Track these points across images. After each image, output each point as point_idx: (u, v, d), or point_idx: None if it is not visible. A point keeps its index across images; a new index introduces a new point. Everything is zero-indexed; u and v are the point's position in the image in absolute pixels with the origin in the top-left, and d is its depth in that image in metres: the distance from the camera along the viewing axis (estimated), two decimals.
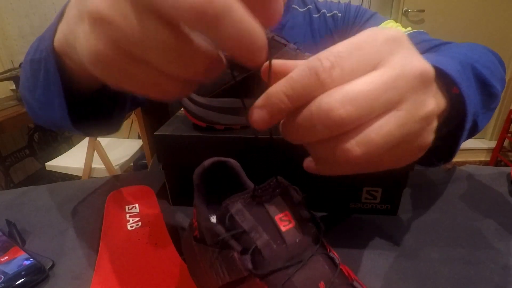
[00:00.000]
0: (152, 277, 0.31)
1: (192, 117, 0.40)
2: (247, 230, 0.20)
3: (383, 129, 0.16)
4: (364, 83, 0.16)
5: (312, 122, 0.16)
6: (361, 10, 0.61)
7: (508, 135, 1.98)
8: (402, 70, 0.16)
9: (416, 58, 0.18)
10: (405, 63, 0.17)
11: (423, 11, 1.87)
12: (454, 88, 0.25)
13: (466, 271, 0.31)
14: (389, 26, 0.56)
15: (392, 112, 0.17)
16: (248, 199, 0.21)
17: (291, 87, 0.16)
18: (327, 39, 0.63)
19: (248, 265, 0.19)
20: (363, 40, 0.17)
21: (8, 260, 0.33)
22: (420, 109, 0.17)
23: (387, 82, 0.16)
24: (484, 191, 0.46)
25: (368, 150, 0.16)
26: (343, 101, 0.15)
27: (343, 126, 0.16)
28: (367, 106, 0.16)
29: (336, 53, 0.16)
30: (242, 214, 0.20)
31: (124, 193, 0.46)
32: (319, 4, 0.64)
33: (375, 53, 0.17)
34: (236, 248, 0.20)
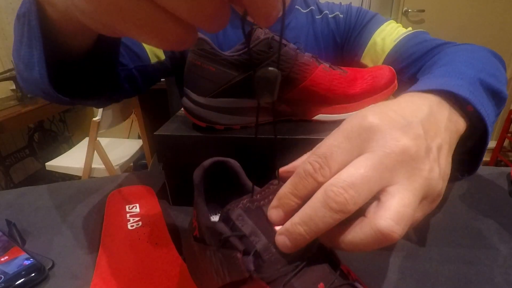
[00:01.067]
0: (152, 276, 0.31)
1: (192, 117, 0.40)
2: (247, 234, 0.20)
3: (403, 200, 0.18)
4: (355, 169, 0.18)
5: (322, 213, 0.18)
6: (362, 12, 0.61)
7: (508, 135, 1.98)
8: (383, 152, 0.19)
9: (395, 138, 0.19)
10: (385, 145, 0.19)
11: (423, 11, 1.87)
12: (468, 106, 0.26)
13: (466, 271, 0.31)
14: (390, 26, 0.57)
15: (391, 187, 0.19)
16: (248, 203, 0.21)
17: (295, 188, 0.19)
18: (329, 41, 0.63)
19: (251, 266, 0.19)
20: (341, 136, 0.20)
21: (8, 260, 0.33)
22: (417, 178, 0.19)
23: (374, 164, 0.18)
24: (484, 191, 0.46)
25: (397, 224, 0.18)
26: (344, 187, 0.18)
27: (348, 208, 0.18)
28: (365, 186, 0.18)
29: (321, 154, 0.19)
30: (242, 219, 0.21)
31: (125, 193, 0.46)
32: (321, 5, 0.65)
33: (355, 146, 0.20)
34: (239, 249, 0.20)
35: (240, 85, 0.39)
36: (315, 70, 0.40)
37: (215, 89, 0.39)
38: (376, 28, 0.57)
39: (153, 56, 0.54)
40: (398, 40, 0.53)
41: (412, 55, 0.50)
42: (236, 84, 0.39)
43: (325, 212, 0.18)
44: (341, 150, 0.20)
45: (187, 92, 0.40)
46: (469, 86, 0.27)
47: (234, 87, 0.39)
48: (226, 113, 0.40)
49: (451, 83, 0.27)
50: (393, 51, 0.53)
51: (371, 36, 0.57)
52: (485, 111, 0.26)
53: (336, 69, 0.43)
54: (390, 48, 0.54)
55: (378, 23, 0.58)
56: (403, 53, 0.52)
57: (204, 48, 0.37)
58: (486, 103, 0.28)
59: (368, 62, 0.58)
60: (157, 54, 0.55)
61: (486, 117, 0.26)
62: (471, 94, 0.26)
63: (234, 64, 0.38)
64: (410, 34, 0.54)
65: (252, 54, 0.36)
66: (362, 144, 0.20)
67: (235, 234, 0.20)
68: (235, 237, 0.20)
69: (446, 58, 0.39)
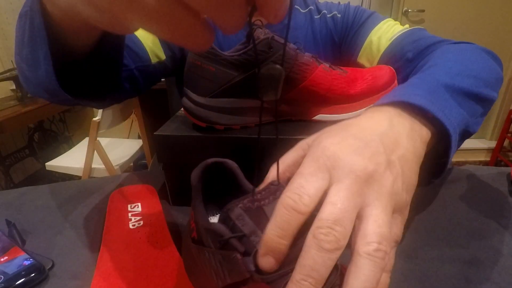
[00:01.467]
0: (153, 276, 0.31)
1: (192, 117, 0.40)
2: (247, 234, 0.20)
3: (377, 222, 0.19)
4: (333, 205, 0.19)
5: (320, 258, 0.18)
6: (360, 10, 0.61)
7: (508, 135, 1.98)
8: (349, 180, 0.20)
9: (355, 163, 0.21)
10: (348, 172, 0.20)
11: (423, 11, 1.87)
12: (428, 113, 0.27)
13: (466, 271, 0.31)
14: (387, 24, 0.56)
15: (363, 210, 0.20)
16: (248, 203, 0.21)
17: (280, 228, 0.19)
18: (327, 40, 0.63)
19: (251, 267, 0.19)
20: (311, 166, 0.21)
21: (8, 260, 0.33)
22: (383, 195, 0.20)
23: (346, 195, 0.19)
24: (484, 191, 0.46)
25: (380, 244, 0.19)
26: (330, 226, 0.18)
27: (341, 244, 0.18)
28: (347, 218, 0.19)
29: (297, 185, 0.20)
30: (242, 219, 0.20)
31: (127, 192, 0.46)
32: (319, 5, 0.64)
33: (325, 172, 0.21)
34: (239, 249, 0.20)
35: (240, 85, 0.39)
36: (315, 70, 0.40)
37: (215, 89, 0.39)
38: (373, 27, 0.56)
39: (153, 56, 0.54)
40: (394, 39, 0.52)
41: (406, 54, 0.49)
42: (236, 84, 0.39)
43: (323, 256, 0.18)
44: (315, 177, 0.20)
45: (187, 92, 0.40)
46: (428, 93, 0.28)
47: (234, 87, 0.39)
48: (226, 113, 0.40)
49: (409, 92, 0.28)
50: (388, 50, 0.53)
51: (367, 35, 0.56)
52: (444, 115, 0.27)
53: (336, 69, 0.43)
54: (385, 47, 0.53)
55: (375, 22, 0.57)
56: (397, 52, 0.51)
57: None
58: (447, 106, 0.28)
59: (364, 61, 0.58)
60: (157, 54, 0.55)
61: (446, 120, 0.26)
62: (428, 101, 0.27)
63: (234, 64, 0.38)
64: (406, 32, 0.53)
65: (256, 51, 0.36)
66: (329, 171, 0.21)
67: (235, 236, 0.20)
68: (235, 238, 0.20)
69: (431, 61, 0.40)
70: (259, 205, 0.21)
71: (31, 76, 0.33)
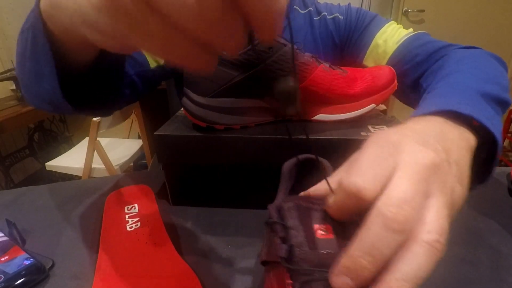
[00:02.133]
0: (152, 276, 0.31)
1: (192, 117, 0.40)
2: (290, 226, 0.22)
3: (439, 213, 0.19)
4: (401, 186, 0.18)
5: (385, 237, 0.17)
6: (362, 13, 0.61)
7: (508, 135, 1.98)
8: (417, 165, 0.19)
9: (421, 151, 0.20)
10: (415, 158, 0.19)
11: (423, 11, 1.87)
12: (474, 120, 0.26)
13: (466, 271, 0.31)
14: (391, 27, 0.56)
15: (427, 200, 0.19)
16: (301, 201, 0.23)
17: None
18: (327, 42, 0.63)
19: (283, 253, 0.21)
20: (374, 152, 0.20)
21: (8, 260, 0.33)
22: (447, 190, 0.19)
23: (414, 179, 0.18)
24: (484, 191, 0.46)
25: (441, 236, 0.19)
26: (399, 205, 0.17)
27: (407, 227, 0.17)
28: (416, 200, 0.18)
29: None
30: (291, 212, 0.22)
31: (123, 193, 0.46)
32: (319, 6, 0.64)
33: (390, 158, 0.19)
34: (280, 235, 0.22)
35: (240, 85, 0.39)
36: (315, 70, 0.40)
37: (215, 89, 0.39)
38: (378, 30, 0.57)
39: (152, 61, 0.54)
40: (401, 42, 0.53)
41: (415, 58, 0.50)
42: (236, 84, 0.39)
43: (388, 236, 0.16)
44: (380, 165, 0.19)
45: (187, 92, 0.40)
46: (470, 101, 0.28)
47: (234, 87, 0.39)
48: (226, 113, 0.40)
49: (453, 101, 0.27)
50: (396, 53, 0.53)
51: (372, 38, 0.57)
52: (491, 123, 0.27)
53: (336, 69, 0.43)
54: (393, 50, 0.54)
55: (379, 25, 0.57)
56: (406, 55, 0.52)
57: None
58: (490, 115, 0.28)
59: (370, 64, 0.58)
60: (156, 58, 0.55)
61: (493, 128, 0.26)
62: (474, 109, 0.26)
63: (234, 64, 0.38)
64: (412, 35, 0.54)
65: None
66: (393, 158, 0.19)
67: (279, 222, 0.22)
68: (279, 224, 0.22)
69: (450, 67, 0.40)
70: (309, 207, 0.22)
71: (34, 90, 0.33)
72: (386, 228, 0.17)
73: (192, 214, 0.43)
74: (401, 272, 0.16)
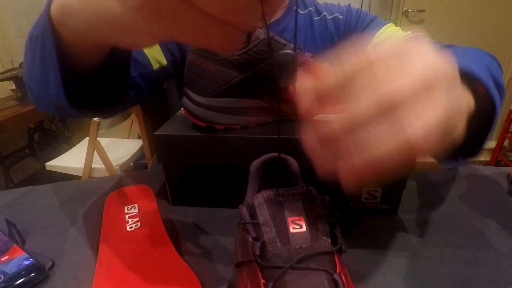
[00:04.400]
0: (152, 277, 0.31)
1: (192, 117, 0.40)
2: (261, 223, 0.22)
3: (434, 112, 0.18)
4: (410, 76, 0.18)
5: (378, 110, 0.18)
6: (362, 14, 0.61)
7: (508, 135, 1.98)
8: (433, 69, 0.19)
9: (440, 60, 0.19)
10: (432, 64, 0.19)
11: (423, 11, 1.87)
12: (478, 87, 0.26)
13: (466, 271, 0.31)
14: (390, 29, 0.57)
15: (435, 101, 0.18)
16: (271, 196, 0.22)
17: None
18: (327, 42, 0.63)
19: (257, 251, 0.21)
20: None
21: (8, 260, 0.33)
22: (456, 101, 0.19)
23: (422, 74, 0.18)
24: (484, 191, 0.46)
25: (426, 131, 0.17)
26: (399, 88, 0.18)
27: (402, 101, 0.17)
28: (415, 88, 0.18)
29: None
30: (262, 208, 0.22)
31: (123, 193, 0.46)
32: (319, 6, 0.64)
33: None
34: (252, 234, 0.22)
35: (240, 85, 0.39)
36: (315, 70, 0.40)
37: (215, 89, 0.39)
38: (377, 30, 0.57)
39: (155, 62, 0.54)
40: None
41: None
42: (236, 84, 0.39)
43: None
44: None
45: (187, 92, 0.40)
46: (482, 69, 0.28)
47: (234, 87, 0.39)
48: (226, 113, 0.40)
49: (466, 63, 0.27)
50: None
51: (371, 39, 0.57)
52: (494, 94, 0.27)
53: None
54: None
55: (378, 26, 0.58)
56: None
57: (204, 48, 0.37)
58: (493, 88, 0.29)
59: None
60: (158, 59, 0.55)
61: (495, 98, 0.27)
62: (484, 74, 0.27)
63: (234, 64, 0.38)
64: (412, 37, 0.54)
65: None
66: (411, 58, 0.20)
67: (251, 222, 0.22)
68: (250, 224, 0.22)
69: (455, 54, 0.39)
70: (280, 201, 0.22)
71: (41, 95, 0.34)
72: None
73: (192, 214, 0.43)
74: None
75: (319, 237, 0.21)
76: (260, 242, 0.21)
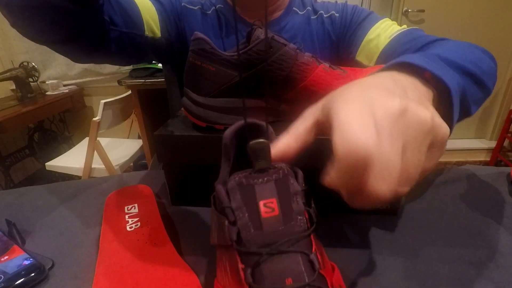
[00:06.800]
0: (152, 277, 0.31)
1: (192, 117, 0.40)
2: (234, 208, 0.21)
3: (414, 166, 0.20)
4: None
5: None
6: (358, 10, 0.61)
7: (508, 135, 1.98)
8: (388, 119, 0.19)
9: (387, 98, 0.20)
10: (386, 112, 0.20)
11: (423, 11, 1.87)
12: (426, 72, 0.26)
13: (466, 271, 0.31)
14: (385, 23, 0.57)
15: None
16: (242, 179, 0.22)
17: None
18: (325, 40, 0.63)
19: (233, 236, 0.21)
20: (352, 114, 0.20)
21: (8, 259, 0.33)
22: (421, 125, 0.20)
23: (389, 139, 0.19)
24: (484, 191, 0.46)
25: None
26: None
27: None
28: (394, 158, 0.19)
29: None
30: (234, 193, 0.21)
31: (123, 193, 0.46)
32: (316, 5, 0.65)
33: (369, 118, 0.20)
34: (229, 219, 0.21)
35: (240, 85, 0.39)
36: (315, 70, 0.40)
37: (215, 89, 0.39)
38: (371, 26, 0.57)
39: (148, 30, 0.53)
40: (393, 37, 0.53)
41: (406, 52, 0.50)
42: (236, 84, 0.39)
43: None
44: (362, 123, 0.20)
45: (187, 92, 0.40)
46: (423, 57, 0.27)
47: (234, 87, 0.39)
48: (226, 113, 0.40)
49: (404, 57, 0.27)
50: (387, 47, 0.53)
51: (366, 33, 0.57)
52: (444, 75, 0.26)
53: (336, 69, 0.43)
54: (385, 44, 0.54)
55: (373, 21, 0.58)
56: (396, 49, 0.52)
57: (204, 48, 0.37)
58: (446, 70, 0.28)
59: (363, 59, 0.58)
60: (153, 29, 0.54)
61: (445, 78, 0.26)
62: (424, 62, 0.26)
63: (234, 64, 0.38)
64: (405, 31, 0.54)
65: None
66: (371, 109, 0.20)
67: (228, 206, 0.21)
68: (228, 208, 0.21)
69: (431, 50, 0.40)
70: (252, 183, 0.21)
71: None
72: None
73: (192, 214, 0.43)
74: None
75: (293, 217, 0.21)
76: (236, 227, 0.21)
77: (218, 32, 0.62)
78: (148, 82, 1.60)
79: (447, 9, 1.85)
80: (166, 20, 0.57)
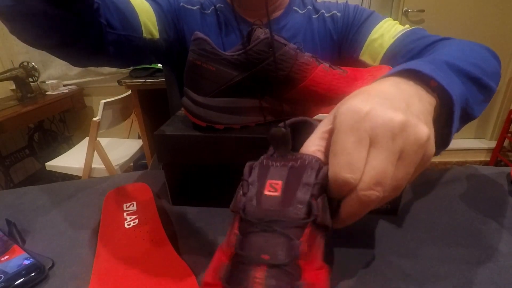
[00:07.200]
0: (149, 274, 0.31)
1: (192, 117, 0.40)
2: (249, 182, 0.24)
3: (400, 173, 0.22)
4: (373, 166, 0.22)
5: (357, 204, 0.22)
6: (359, 10, 0.61)
7: (508, 135, 1.98)
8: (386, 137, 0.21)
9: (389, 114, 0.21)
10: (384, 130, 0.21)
11: (423, 11, 1.87)
12: (431, 81, 0.27)
13: (466, 271, 0.31)
14: (388, 23, 0.57)
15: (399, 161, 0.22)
16: (264, 160, 0.25)
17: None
18: (326, 40, 0.63)
19: (241, 205, 0.23)
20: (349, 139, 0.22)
21: (8, 259, 0.33)
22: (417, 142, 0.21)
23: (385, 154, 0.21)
24: (484, 191, 0.46)
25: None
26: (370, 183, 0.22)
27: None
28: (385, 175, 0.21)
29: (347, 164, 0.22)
30: (254, 169, 0.24)
31: (121, 191, 0.46)
32: (317, 4, 0.65)
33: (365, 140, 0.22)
34: (244, 190, 0.24)
35: (240, 85, 0.39)
36: (315, 69, 0.40)
37: (215, 89, 0.39)
38: (374, 25, 0.57)
39: (146, 31, 0.52)
40: (397, 37, 0.53)
41: (411, 52, 0.50)
42: (236, 84, 0.39)
43: (365, 210, 0.23)
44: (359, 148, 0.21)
45: (187, 91, 0.40)
46: (430, 64, 0.28)
47: (234, 87, 0.39)
48: (226, 113, 0.40)
49: (411, 64, 0.28)
50: (392, 47, 0.53)
51: (369, 33, 0.57)
52: (448, 84, 0.27)
53: (336, 69, 0.43)
54: (389, 44, 0.54)
55: (376, 21, 0.58)
56: (401, 49, 0.52)
57: (204, 48, 0.37)
58: (450, 78, 0.28)
59: (367, 58, 0.58)
60: (151, 31, 0.54)
61: (450, 88, 0.26)
62: (432, 71, 0.27)
63: (234, 64, 0.38)
64: (408, 31, 0.54)
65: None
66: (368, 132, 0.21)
67: (244, 179, 0.24)
68: (244, 181, 0.24)
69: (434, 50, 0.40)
70: (269, 165, 0.24)
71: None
72: (364, 207, 0.22)
73: (192, 214, 0.43)
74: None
75: (293, 203, 0.22)
76: (245, 198, 0.23)
77: (217, 31, 0.62)
78: (148, 82, 1.60)
79: (447, 9, 1.85)
80: (164, 21, 0.57)
